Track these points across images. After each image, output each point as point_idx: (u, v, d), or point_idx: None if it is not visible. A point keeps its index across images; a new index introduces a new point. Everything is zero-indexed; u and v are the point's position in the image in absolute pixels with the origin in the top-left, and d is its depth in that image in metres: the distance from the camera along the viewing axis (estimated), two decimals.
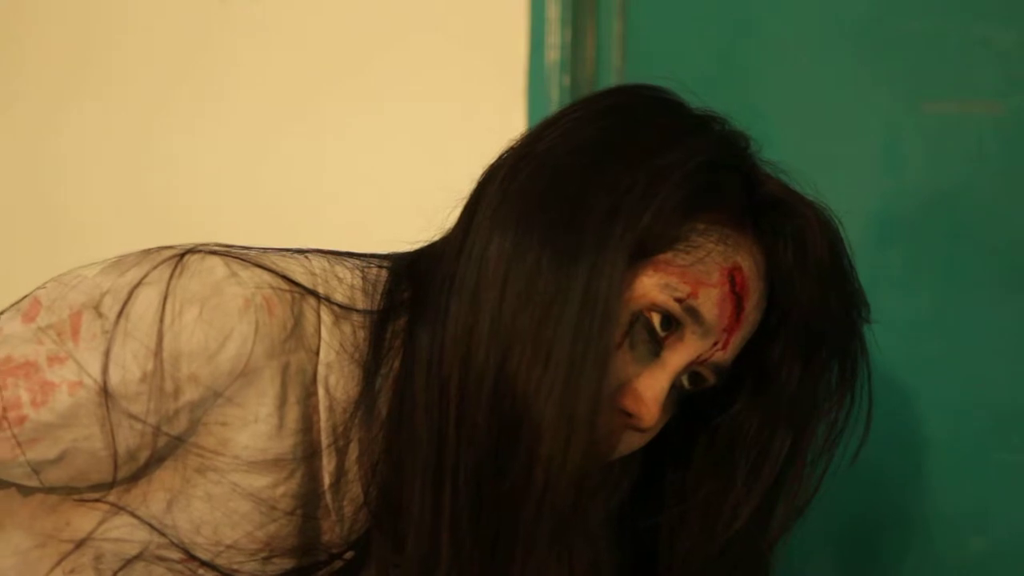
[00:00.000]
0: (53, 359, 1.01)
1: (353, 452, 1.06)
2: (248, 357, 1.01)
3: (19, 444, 1.02)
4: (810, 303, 1.09)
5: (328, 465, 1.06)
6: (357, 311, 1.06)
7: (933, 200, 1.43)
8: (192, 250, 1.03)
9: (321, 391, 1.05)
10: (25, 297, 1.05)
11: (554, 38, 1.62)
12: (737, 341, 1.08)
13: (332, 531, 1.08)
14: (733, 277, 1.06)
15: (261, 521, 1.05)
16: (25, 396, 1.01)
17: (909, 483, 1.41)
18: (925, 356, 1.40)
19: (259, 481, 1.04)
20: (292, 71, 1.78)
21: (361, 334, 1.06)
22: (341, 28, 1.76)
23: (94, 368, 1.00)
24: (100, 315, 1.01)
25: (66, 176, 1.94)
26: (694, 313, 1.05)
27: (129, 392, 1.00)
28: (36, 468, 1.03)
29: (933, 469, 1.40)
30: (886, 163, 1.45)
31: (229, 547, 1.04)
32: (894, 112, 1.44)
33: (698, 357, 1.07)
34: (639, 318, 1.04)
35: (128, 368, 1.00)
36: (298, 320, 1.03)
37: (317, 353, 1.04)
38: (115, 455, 1.01)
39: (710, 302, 1.05)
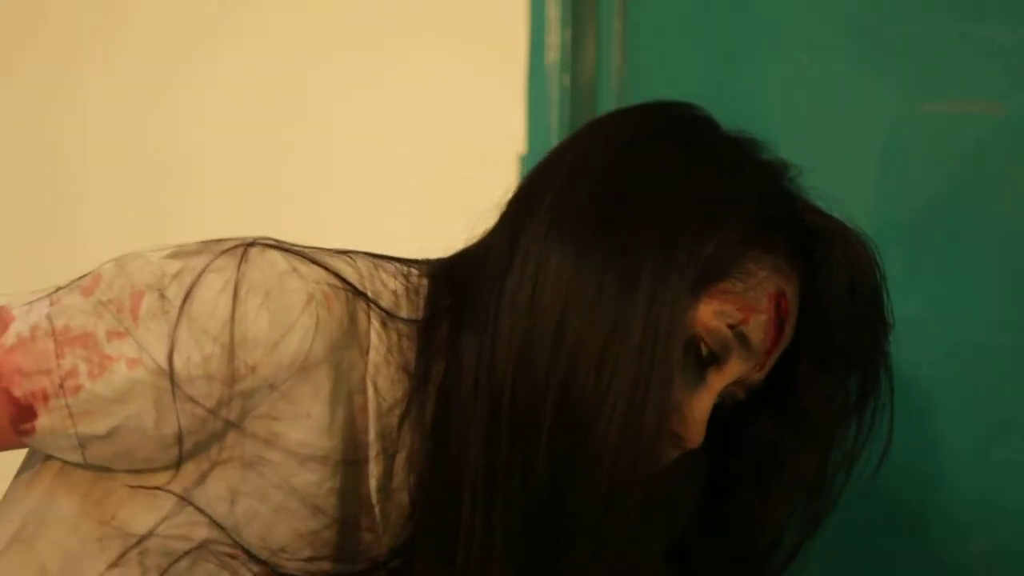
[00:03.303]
0: (112, 333, 1.01)
1: (401, 460, 1.06)
2: (308, 351, 1.01)
3: (71, 415, 1.01)
4: (850, 326, 1.11)
5: (375, 470, 1.06)
6: (403, 319, 1.07)
7: (933, 200, 1.43)
8: (252, 243, 1.04)
9: (371, 391, 1.05)
10: (86, 274, 1.05)
11: (554, 38, 1.62)
12: (773, 361, 1.10)
13: (379, 541, 1.08)
14: (779, 303, 1.07)
15: (307, 519, 1.05)
16: (83, 367, 1.01)
17: (909, 483, 1.41)
18: (924, 356, 1.40)
19: (310, 477, 1.04)
20: (290, 72, 1.78)
21: (406, 342, 1.06)
22: (340, 29, 1.76)
23: (155, 348, 1.00)
24: (163, 297, 1.01)
25: (65, 175, 1.94)
26: (743, 339, 1.06)
27: (189, 375, 1.00)
28: (83, 442, 1.02)
29: (933, 469, 1.40)
30: (886, 163, 1.45)
31: (277, 544, 1.04)
32: (894, 112, 1.44)
33: (738, 378, 1.08)
34: (691, 343, 1.05)
35: (189, 352, 1.00)
36: (352, 319, 1.04)
37: (367, 354, 1.05)
38: (180, 436, 1.01)
39: (759, 328, 1.06)
